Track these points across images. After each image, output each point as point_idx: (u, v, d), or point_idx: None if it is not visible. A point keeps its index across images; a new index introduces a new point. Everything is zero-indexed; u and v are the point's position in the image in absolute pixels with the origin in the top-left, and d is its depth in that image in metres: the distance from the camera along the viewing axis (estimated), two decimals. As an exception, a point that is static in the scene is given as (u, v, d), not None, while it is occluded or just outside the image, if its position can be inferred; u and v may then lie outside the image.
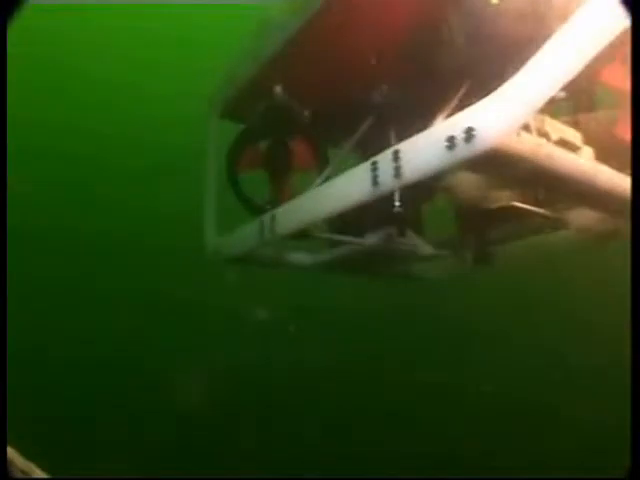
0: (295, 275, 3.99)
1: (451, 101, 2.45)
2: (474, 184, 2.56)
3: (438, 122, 2.34)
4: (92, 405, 7.01)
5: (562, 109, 2.65)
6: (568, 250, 3.22)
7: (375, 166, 2.21)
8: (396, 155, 2.11)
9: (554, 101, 2.03)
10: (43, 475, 1.62)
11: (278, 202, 3.08)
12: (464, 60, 2.52)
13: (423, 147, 2.01)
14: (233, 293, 6.74)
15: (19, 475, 1.48)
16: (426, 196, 3.09)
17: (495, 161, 1.90)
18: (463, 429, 6.45)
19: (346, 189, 2.40)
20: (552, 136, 2.29)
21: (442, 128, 1.96)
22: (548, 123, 2.33)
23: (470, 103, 1.88)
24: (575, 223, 2.83)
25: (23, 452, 1.60)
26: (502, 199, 2.73)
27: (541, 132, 2.27)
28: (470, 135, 1.79)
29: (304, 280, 4.95)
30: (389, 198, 2.44)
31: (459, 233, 3.25)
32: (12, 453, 1.51)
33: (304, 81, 3.05)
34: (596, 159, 2.40)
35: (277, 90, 3.08)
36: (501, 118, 1.78)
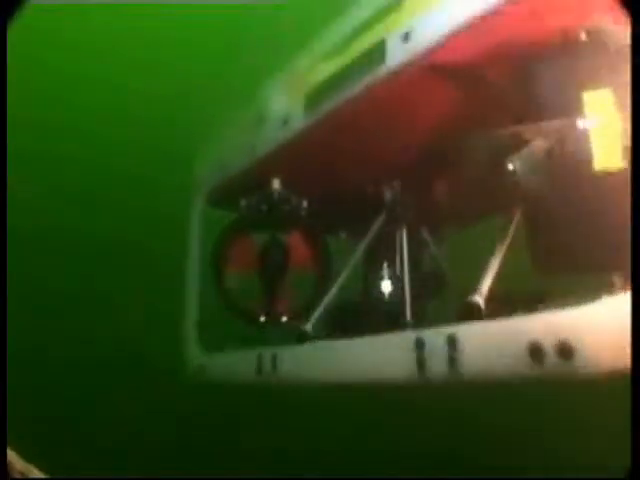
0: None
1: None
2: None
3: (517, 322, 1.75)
4: (92, 405, 7.00)
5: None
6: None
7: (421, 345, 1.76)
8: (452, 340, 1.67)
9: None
10: (42, 476, 1.62)
11: (273, 312, 2.78)
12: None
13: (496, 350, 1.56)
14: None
15: (17, 476, 1.48)
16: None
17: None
18: (463, 428, 6.43)
19: (380, 362, 1.94)
20: None
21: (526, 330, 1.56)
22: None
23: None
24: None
25: (23, 452, 1.60)
26: None
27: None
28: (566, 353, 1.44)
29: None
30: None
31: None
32: (11, 455, 1.51)
33: (304, 174, 2.83)
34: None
35: (275, 184, 2.86)
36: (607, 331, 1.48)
